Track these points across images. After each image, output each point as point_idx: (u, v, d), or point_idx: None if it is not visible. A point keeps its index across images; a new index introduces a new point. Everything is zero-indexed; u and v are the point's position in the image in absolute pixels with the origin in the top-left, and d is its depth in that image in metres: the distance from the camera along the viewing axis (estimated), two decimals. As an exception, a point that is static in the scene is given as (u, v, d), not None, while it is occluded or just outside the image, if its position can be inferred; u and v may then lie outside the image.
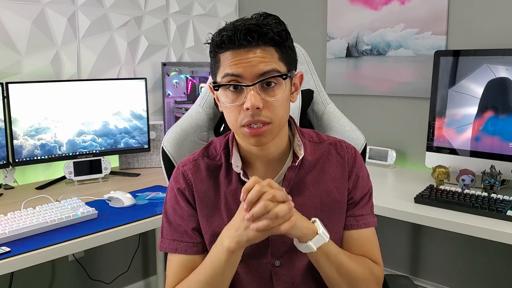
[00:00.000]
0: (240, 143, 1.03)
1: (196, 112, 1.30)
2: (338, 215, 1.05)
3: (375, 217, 1.10)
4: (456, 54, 1.99)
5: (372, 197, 1.11)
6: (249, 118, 0.91)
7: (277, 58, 0.92)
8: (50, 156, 2.05)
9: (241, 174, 1.01)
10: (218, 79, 0.95)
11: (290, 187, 1.02)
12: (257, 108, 0.90)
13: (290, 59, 0.96)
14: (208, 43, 0.97)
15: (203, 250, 1.04)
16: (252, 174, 1.02)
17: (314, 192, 1.04)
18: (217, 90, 0.96)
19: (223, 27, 0.93)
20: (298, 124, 1.14)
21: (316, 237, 0.92)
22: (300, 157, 1.02)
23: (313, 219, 0.95)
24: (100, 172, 2.14)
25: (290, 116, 1.06)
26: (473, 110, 1.95)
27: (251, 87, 0.90)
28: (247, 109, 0.90)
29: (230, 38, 0.90)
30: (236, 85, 0.91)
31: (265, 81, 0.91)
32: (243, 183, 1.01)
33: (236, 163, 1.01)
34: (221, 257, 0.91)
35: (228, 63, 0.92)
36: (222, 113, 1.28)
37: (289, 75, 0.94)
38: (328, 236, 0.93)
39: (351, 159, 1.07)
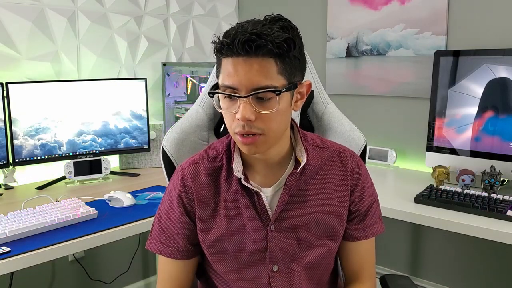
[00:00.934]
0: None
1: (196, 112, 1.30)
2: (337, 225, 1.04)
3: (383, 223, 1.11)
4: (456, 54, 1.99)
5: (379, 204, 1.11)
6: (240, 128, 0.90)
7: (276, 71, 0.89)
8: (50, 156, 2.05)
9: (241, 179, 0.99)
10: (219, 82, 0.94)
11: (291, 194, 1.01)
12: (249, 120, 0.88)
13: (293, 70, 0.92)
14: (214, 43, 0.94)
15: (189, 256, 1.06)
16: (253, 178, 1.02)
17: (315, 201, 1.03)
18: (212, 96, 0.94)
19: (228, 30, 0.91)
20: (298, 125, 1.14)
21: None
22: (302, 164, 1.00)
23: None
24: (100, 172, 2.14)
25: (293, 120, 1.05)
26: (473, 110, 1.95)
27: (244, 99, 0.88)
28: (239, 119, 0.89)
29: (228, 46, 0.88)
30: (230, 95, 0.90)
31: (259, 95, 0.89)
32: (243, 187, 1.01)
33: (237, 168, 1.00)
34: None
35: (226, 72, 0.90)
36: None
37: (284, 90, 0.89)
38: None
39: (355, 170, 1.06)
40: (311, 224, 1.02)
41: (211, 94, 0.94)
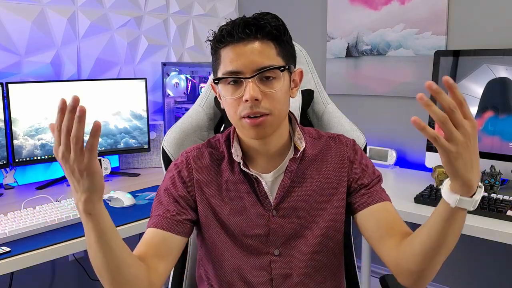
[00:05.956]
0: (242, 137, 1.04)
1: (197, 112, 1.30)
2: (335, 199, 1.04)
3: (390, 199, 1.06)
4: (456, 54, 1.99)
5: (382, 182, 1.08)
6: (248, 110, 0.94)
7: (275, 53, 0.95)
8: (50, 156, 2.05)
9: (241, 164, 1.02)
10: (219, 75, 0.97)
11: (292, 178, 1.03)
12: (256, 99, 0.92)
13: (288, 54, 0.99)
14: (210, 40, 1.00)
15: (183, 233, 1.01)
16: (253, 168, 1.04)
17: (313, 181, 1.05)
18: (217, 83, 0.98)
19: (222, 25, 0.97)
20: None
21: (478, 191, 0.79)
22: (301, 149, 1.03)
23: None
24: (100, 172, 2.13)
25: (291, 112, 1.08)
26: (473, 110, 1.95)
27: (249, 80, 0.93)
28: (246, 100, 0.93)
29: (229, 32, 0.94)
30: (235, 78, 0.94)
31: (264, 74, 0.93)
32: (244, 174, 1.03)
33: (236, 153, 1.03)
34: (85, 224, 0.84)
35: (228, 59, 0.94)
36: (222, 112, 1.30)
37: (287, 67, 0.96)
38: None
39: (350, 150, 1.08)
40: (310, 206, 1.04)
41: (216, 81, 0.98)
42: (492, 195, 1.71)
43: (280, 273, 1.03)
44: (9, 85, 1.92)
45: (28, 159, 1.99)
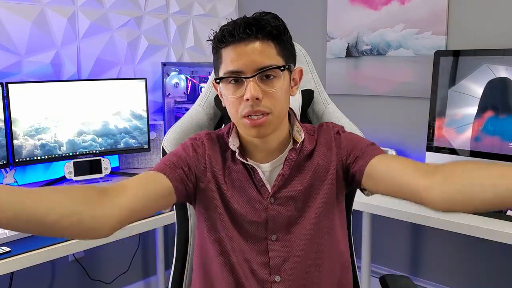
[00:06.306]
0: (242, 134, 1.06)
1: (197, 112, 1.30)
2: (327, 181, 1.05)
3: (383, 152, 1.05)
4: (456, 54, 1.99)
5: (376, 146, 1.07)
6: (249, 108, 0.95)
7: (276, 53, 0.97)
8: (50, 156, 2.05)
9: (237, 153, 1.04)
10: (220, 74, 0.99)
11: (291, 168, 1.04)
12: (257, 98, 0.94)
13: (288, 54, 1.01)
14: (211, 40, 1.01)
15: (176, 182, 1.00)
16: (251, 159, 1.06)
17: (309, 171, 1.06)
18: (219, 83, 1.00)
19: (223, 25, 0.98)
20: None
21: None
22: (301, 140, 1.05)
23: None
24: (100, 172, 2.14)
25: (290, 108, 1.09)
26: (473, 110, 1.95)
27: (250, 79, 0.94)
28: (247, 99, 0.94)
29: (230, 33, 0.95)
30: (237, 78, 0.96)
31: (264, 74, 0.95)
32: (243, 163, 1.05)
33: (233, 142, 1.05)
34: None
35: (230, 59, 0.96)
36: (222, 112, 1.30)
37: (287, 67, 0.98)
38: None
39: (336, 135, 1.09)
40: (306, 194, 1.05)
41: (218, 80, 0.99)
42: (492, 195, 1.71)
43: (277, 258, 1.04)
44: (9, 85, 1.92)
45: (28, 159, 1.99)
